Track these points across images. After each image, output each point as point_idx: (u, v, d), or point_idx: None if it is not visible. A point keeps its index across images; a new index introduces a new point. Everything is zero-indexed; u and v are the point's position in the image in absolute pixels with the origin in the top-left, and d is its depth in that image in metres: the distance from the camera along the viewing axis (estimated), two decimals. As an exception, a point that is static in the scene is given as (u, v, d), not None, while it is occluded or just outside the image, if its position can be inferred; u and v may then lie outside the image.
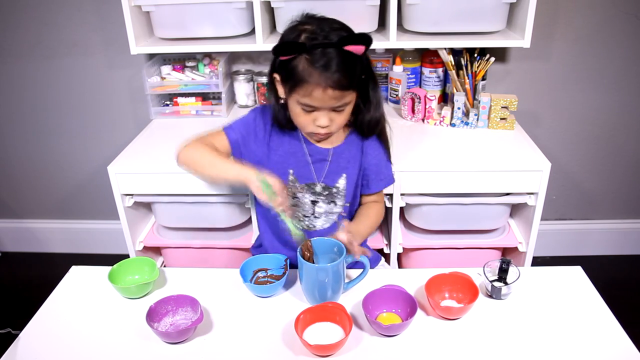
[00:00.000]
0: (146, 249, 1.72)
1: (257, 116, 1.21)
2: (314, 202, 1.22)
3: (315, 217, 1.24)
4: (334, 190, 1.22)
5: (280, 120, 1.17)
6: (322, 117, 1.07)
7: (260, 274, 1.12)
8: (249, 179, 1.03)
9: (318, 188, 1.21)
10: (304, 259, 1.00)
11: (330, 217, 1.25)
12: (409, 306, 0.98)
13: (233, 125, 1.22)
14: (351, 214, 1.28)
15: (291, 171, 1.20)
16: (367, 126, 1.19)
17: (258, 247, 1.40)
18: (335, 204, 1.23)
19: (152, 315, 0.98)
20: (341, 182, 1.22)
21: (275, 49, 1.03)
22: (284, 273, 1.07)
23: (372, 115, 1.16)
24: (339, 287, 1.03)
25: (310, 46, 1.00)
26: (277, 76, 1.10)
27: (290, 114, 1.12)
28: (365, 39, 1.01)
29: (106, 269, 1.09)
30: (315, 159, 1.20)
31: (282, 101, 1.13)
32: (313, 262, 1.04)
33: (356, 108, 1.14)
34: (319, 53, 1.00)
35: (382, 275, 1.12)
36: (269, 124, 1.20)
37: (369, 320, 0.96)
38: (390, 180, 1.29)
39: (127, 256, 1.59)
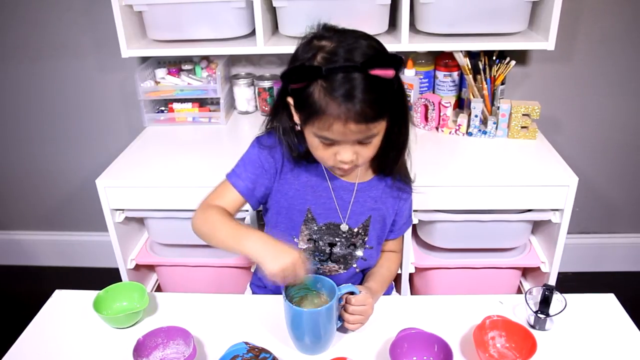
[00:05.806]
0: (139, 265, 1.64)
1: (260, 148, 1.03)
2: (331, 245, 1.07)
3: (331, 261, 1.09)
4: (356, 232, 1.07)
5: (295, 151, 1.00)
6: (345, 151, 0.90)
7: None
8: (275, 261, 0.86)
9: (343, 227, 1.05)
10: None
11: (349, 262, 1.10)
12: (442, 352, 0.87)
13: (236, 170, 1.04)
14: (371, 257, 1.13)
15: (309, 208, 1.04)
16: (386, 165, 1.04)
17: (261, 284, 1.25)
18: (356, 247, 1.08)
19: (140, 350, 0.91)
20: (365, 225, 1.07)
21: (284, 75, 0.87)
22: None
23: (395, 156, 1.01)
24: (332, 330, 0.94)
25: (327, 70, 0.83)
26: (290, 100, 0.93)
27: (307, 144, 0.96)
28: (395, 60, 0.84)
29: (92, 294, 1.03)
30: (339, 196, 1.04)
31: (297, 128, 0.96)
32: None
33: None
34: (339, 79, 0.82)
35: (394, 307, 1.04)
36: (278, 153, 1.02)
37: None
38: (411, 222, 1.19)
39: (118, 270, 1.59)
